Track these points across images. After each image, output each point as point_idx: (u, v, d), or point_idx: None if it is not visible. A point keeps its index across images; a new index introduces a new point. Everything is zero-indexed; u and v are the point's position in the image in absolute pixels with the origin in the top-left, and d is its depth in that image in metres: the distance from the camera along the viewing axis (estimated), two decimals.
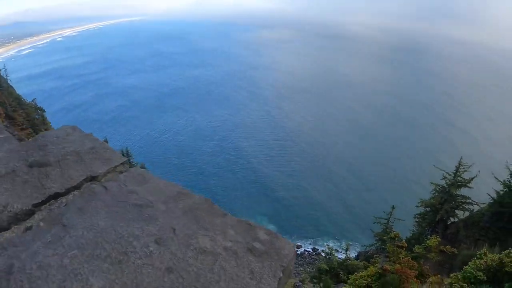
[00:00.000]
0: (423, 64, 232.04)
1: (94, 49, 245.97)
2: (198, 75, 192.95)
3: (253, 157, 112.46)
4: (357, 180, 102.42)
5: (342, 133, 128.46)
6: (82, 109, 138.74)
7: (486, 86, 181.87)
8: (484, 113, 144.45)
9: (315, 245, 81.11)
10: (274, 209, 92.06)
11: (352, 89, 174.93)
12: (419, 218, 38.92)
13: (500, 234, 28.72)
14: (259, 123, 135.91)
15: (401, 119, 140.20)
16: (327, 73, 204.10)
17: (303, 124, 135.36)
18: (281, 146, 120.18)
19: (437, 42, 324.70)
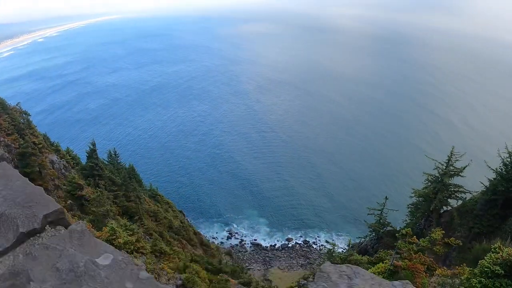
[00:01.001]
0: (407, 55, 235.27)
1: (75, 49, 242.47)
2: (179, 71, 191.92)
3: (236, 152, 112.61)
4: (341, 172, 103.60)
5: (324, 125, 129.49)
6: (64, 109, 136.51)
7: (469, 76, 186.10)
8: (467, 103, 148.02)
9: (306, 237, 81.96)
10: (262, 203, 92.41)
11: (335, 81, 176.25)
12: (412, 208, 39.59)
13: (494, 221, 29.58)
14: (241, 117, 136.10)
15: (384, 110, 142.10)
16: (310, 66, 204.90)
17: (285, 117, 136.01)
18: (264, 139, 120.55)
19: (422, 33, 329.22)
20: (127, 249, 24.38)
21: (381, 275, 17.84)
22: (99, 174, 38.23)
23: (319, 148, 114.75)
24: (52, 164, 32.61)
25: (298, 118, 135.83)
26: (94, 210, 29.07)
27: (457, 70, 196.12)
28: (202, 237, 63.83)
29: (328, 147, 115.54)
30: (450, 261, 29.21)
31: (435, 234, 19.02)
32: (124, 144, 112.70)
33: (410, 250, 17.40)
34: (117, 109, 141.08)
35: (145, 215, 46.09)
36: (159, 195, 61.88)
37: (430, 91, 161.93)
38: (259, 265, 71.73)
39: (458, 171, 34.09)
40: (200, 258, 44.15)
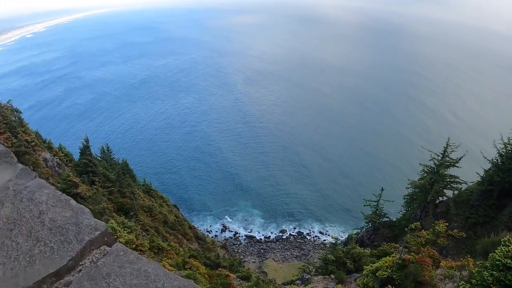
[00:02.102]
0: (396, 45, 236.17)
1: (63, 44, 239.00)
2: (167, 64, 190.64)
3: (226, 144, 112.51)
4: (332, 163, 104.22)
5: (314, 117, 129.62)
6: (53, 105, 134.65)
7: (458, 66, 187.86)
8: (456, 93, 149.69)
9: (299, 228, 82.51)
10: (255, 195, 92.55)
11: (324, 72, 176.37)
12: (408, 199, 39.96)
13: (490, 211, 30.05)
14: (230, 109, 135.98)
15: (374, 101, 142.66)
16: (298, 57, 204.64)
17: (272, 109, 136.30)
18: (254, 131, 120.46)
19: (411, 23, 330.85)
20: (128, 248, 24.07)
21: (389, 269, 17.92)
22: (93, 170, 37.56)
23: (310, 140, 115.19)
24: (45, 162, 31.83)
25: (287, 109, 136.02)
26: (91, 208, 28.52)
27: (446, 60, 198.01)
28: (197, 231, 63.61)
29: (318, 138, 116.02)
30: (447, 252, 29.68)
31: (439, 227, 19.14)
32: (113, 138, 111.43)
33: (419, 244, 17.48)
34: (105, 103, 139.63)
35: (140, 210, 45.62)
36: (153, 190, 61.34)
37: (419, 81, 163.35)
38: (254, 257, 72.06)
39: (454, 162, 34.43)
40: (198, 253, 44.03)
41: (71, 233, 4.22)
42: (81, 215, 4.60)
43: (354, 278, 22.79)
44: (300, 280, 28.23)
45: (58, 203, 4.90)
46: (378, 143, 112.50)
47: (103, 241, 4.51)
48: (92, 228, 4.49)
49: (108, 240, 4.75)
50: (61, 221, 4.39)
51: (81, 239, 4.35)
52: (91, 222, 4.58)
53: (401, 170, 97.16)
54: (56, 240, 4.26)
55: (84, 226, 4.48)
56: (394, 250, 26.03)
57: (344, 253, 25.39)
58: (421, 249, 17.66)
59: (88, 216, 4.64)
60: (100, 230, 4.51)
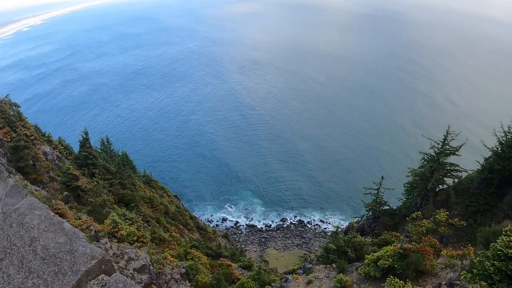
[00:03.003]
0: (391, 32, 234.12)
1: (60, 36, 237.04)
2: (163, 54, 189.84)
3: (221, 134, 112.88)
4: (328, 152, 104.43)
5: (308, 105, 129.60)
6: (50, 97, 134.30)
7: (453, 52, 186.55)
8: (450, 79, 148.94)
9: (300, 217, 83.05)
10: (255, 184, 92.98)
11: (318, 60, 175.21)
12: (408, 187, 39.99)
13: (490, 199, 30.09)
14: (224, 98, 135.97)
15: (369, 89, 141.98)
16: (292, 45, 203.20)
17: (268, 98, 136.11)
18: (248, 120, 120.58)
19: (405, 9, 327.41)
20: (130, 240, 24.15)
21: (390, 258, 18.02)
22: (93, 163, 37.53)
23: (307, 129, 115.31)
24: (45, 156, 31.73)
25: (282, 98, 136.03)
26: (92, 201, 28.58)
27: (441, 46, 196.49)
28: (198, 221, 63.97)
29: (315, 127, 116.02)
30: (448, 240, 29.84)
31: (440, 216, 19.11)
32: (110, 128, 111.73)
33: (420, 233, 17.54)
34: (102, 94, 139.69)
35: (141, 202, 45.77)
36: (153, 181, 61.42)
37: (415, 69, 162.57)
38: (255, 246, 72.65)
39: (454, 150, 34.32)
40: (199, 243, 44.30)
41: (65, 263, 3.87)
42: (76, 241, 4.24)
43: (355, 267, 22.94)
44: (302, 269, 28.43)
45: (50, 227, 4.45)
46: (374, 131, 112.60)
47: (101, 270, 4.17)
48: (88, 257, 4.08)
49: (106, 268, 4.39)
50: (54, 249, 4.01)
51: (76, 270, 3.93)
52: (87, 250, 4.18)
53: (397, 157, 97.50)
54: (50, 272, 3.83)
55: (79, 255, 4.04)
56: (395, 239, 26.17)
57: (345, 242, 25.51)
58: (422, 238, 17.73)
59: (83, 243, 4.31)
60: (96, 259, 4.14)
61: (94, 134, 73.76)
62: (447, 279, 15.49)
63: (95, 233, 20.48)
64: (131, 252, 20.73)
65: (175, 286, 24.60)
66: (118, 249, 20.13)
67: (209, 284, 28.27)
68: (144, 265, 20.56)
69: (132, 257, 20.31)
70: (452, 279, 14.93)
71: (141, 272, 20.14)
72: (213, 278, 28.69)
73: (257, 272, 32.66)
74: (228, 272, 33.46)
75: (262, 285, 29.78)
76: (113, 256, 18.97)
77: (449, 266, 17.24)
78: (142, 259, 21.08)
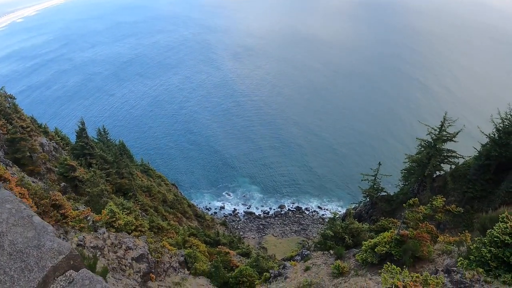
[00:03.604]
0: (386, 18, 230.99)
1: (54, 27, 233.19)
2: (157, 42, 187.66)
3: (218, 121, 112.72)
4: (324, 139, 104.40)
5: (303, 93, 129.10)
6: (44, 88, 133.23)
7: (449, 39, 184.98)
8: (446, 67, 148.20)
9: (298, 203, 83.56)
10: (252, 171, 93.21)
11: (313, 47, 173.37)
12: (406, 173, 40.08)
13: (487, 185, 30.22)
14: (217, 85, 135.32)
15: (364, 76, 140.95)
16: (287, 32, 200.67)
17: (261, 85, 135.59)
18: (244, 108, 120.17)
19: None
20: (128, 229, 24.20)
21: (387, 244, 18.11)
22: (90, 153, 37.35)
23: (303, 116, 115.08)
24: (42, 147, 31.52)
25: (276, 85, 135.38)
26: (89, 191, 28.51)
27: (438, 34, 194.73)
28: (196, 209, 64.23)
29: (310, 114, 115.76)
30: (445, 226, 30.07)
31: (437, 202, 19.08)
32: (105, 117, 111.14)
33: (417, 219, 17.59)
34: (96, 83, 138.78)
35: (139, 191, 45.76)
36: (151, 170, 61.42)
37: (411, 56, 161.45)
38: (253, 233, 73.19)
39: (451, 136, 34.31)
40: (197, 231, 44.52)
41: (32, 258, 3.72)
42: (44, 235, 4.06)
43: (353, 254, 23.09)
44: (300, 256, 28.66)
45: (19, 221, 4.29)
46: (369, 117, 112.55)
47: (69, 265, 4.00)
48: (55, 252, 3.92)
49: (74, 263, 4.22)
50: (22, 244, 3.85)
51: (43, 266, 3.76)
52: (54, 245, 3.98)
53: (392, 144, 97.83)
54: (17, 268, 3.67)
55: (46, 250, 3.88)
56: (392, 225, 26.32)
57: (342, 229, 25.63)
58: (419, 225, 17.79)
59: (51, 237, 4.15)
60: (64, 254, 3.97)
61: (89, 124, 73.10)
62: (444, 265, 15.59)
63: (92, 223, 20.46)
64: (129, 242, 20.78)
65: (174, 275, 24.76)
66: (116, 238, 20.16)
67: (208, 272, 28.49)
68: (142, 254, 20.63)
69: (130, 247, 20.36)
70: (449, 265, 15.03)
71: (139, 261, 20.21)
72: (212, 266, 28.90)
73: (255, 259, 32.92)
74: (226, 260, 33.71)
75: (261, 272, 30.04)
76: (111, 246, 18.99)
77: (446, 253, 17.35)
78: (140, 248, 21.15)
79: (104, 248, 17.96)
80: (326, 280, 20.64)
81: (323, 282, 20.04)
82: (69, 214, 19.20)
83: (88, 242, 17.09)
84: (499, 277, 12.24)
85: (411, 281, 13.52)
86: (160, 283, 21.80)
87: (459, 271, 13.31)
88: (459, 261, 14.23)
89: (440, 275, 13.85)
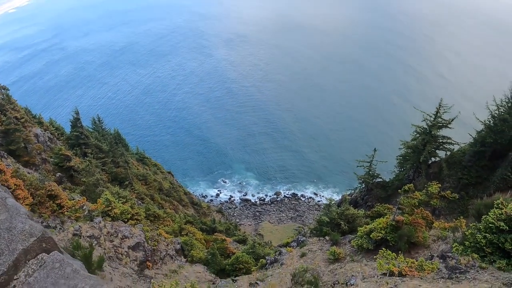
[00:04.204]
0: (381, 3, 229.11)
1: (46, 16, 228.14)
2: (149, 30, 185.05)
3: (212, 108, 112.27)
4: (313, 125, 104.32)
5: (297, 80, 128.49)
6: (37, 78, 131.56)
7: (443, 24, 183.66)
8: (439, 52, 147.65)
9: (294, 190, 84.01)
10: (248, 157, 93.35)
11: (306, 33, 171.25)
12: (401, 159, 40.20)
13: (482, 172, 30.45)
14: (209, 72, 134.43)
15: (357, 63, 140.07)
16: (279, 18, 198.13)
17: (254, 71, 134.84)
18: (237, 95, 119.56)
19: None
20: (124, 218, 24.17)
21: (383, 230, 18.23)
22: (85, 142, 37.08)
23: (296, 102, 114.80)
24: (36, 138, 31.26)
25: (269, 72, 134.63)
26: (85, 181, 28.38)
27: (431, 19, 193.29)
28: (192, 197, 64.37)
29: (303, 101, 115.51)
30: (440, 212, 30.34)
31: (432, 188, 19.15)
32: (98, 106, 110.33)
33: (412, 205, 17.69)
34: (89, 72, 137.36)
35: (135, 179, 45.68)
36: (146, 158, 61.23)
37: (404, 42, 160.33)
38: (249, 220, 73.66)
39: (447, 123, 34.31)
40: (194, 219, 44.67)
41: (3, 241, 3.62)
42: (16, 217, 3.95)
43: (348, 240, 23.27)
44: (296, 242, 28.85)
45: None
46: (362, 104, 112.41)
47: (41, 248, 3.88)
48: (27, 234, 3.80)
49: (47, 246, 4.08)
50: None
51: (13, 249, 3.63)
52: (26, 227, 3.85)
53: (385, 131, 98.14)
54: None
55: (17, 232, 3.75)
56: (388, 211, 26.49)
57: (338, 215, 25.79)
58: (415, 211, 17.91)
59: (23, 219, 4.03)
60: (35, 236, 3.84)
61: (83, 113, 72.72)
62: (439, 251, 15.75)
63: (88, 212, 20.40)
64: (126, 230, 20.77)
65: (170, 262, 24.88)
66: (112, 227, 20.13)
67: (204, 259, 28.66)
68: (138, 243, 20.65)
69: (127, 235, 20.35)
70: (444, 251, 15.17)
71: (135, 249, 20.24)
72: (208, 253, 29.06)
73: (252, 246, 33.15)
74: (223, 247, 33.90)
75: (257, 259, 30.27)
76: (107, 235, 18.96)
77: (441, 238, 17.51)
78: (137, 236, 21.16)
79: (100, 237, 17.93)
80: (322, 266, 20.83)
81: (319, 268, 20.21)
82: (65, 204, 19.15)
83: (84, 232, 17.04)
84: (494, 263, 12.37)
85: (406, 267, 13.67)
86: (157, 271, 21.89)
87: (454, 256, 13.44)
88: (454, 247, 14.37)
89: (435, 260, 13.99)
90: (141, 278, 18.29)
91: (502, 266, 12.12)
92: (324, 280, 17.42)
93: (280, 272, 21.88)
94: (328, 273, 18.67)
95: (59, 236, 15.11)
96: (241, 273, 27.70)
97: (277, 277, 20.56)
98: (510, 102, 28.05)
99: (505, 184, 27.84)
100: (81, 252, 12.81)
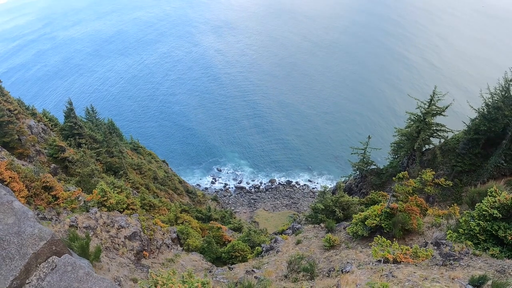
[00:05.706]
0: None
1: (35, 7, 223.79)
2: (138, 18, 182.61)
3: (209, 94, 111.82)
4: (313, 113, 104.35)
5: (282, 65, 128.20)
6: (26, 68, 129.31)
7: (435, 12, 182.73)
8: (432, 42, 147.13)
9: (288, 177, 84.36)
10: (241, 145, 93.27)
11: (294, 19, 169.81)
12: (395, 147, 40.40)
13: (476, 159, 30.71)
14: (197, 60, 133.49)
15: (347, 51, 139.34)
16: (268, 4, 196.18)
17: (242, 59, 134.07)
18: (231, 81, 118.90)
19: None
20: (120, 208, 24.15)
21: (377, 217, 18.43)
22: (79, 133, 36.72)
23: (286, 91, 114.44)
24: (30, 129, 30.91)
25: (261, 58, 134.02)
26: (80, 171, 28.21)
27: (421, 6, 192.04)
28: (187, 185, 64.41)
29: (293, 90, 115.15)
30: (433, 199, 30.68)
31: (426, 175, 19.36)
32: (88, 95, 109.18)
33: (406, 193, 17.86)
34: (78, 60, 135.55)
35: (130, 169, 45.50)
36: (141, 147, 60.89)
37: (393, 28, 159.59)
38: (244, 208, 74.01)
39: (441, 111, 34.42)
40: (189, 207, 44.77)
41: (13, 246, 3.60)
42: (24, 221, 3.93)
43: (343, 227, 23.53)
44: (291, 230, 29.12)
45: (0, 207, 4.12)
46: (353, 92, 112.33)
47: (51, 251, 3.89)
48: (36, 238, 3.79)
49: (57, 249, 4.08)
50: (2, 232, 3.71)
51: (24, 253, 3.62)
52: (35, 231, 3.84)
53: (375, 119, 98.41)
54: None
55: (27, 236, 3.74)
56: (382, 199, 26.76)
57: (333, 202, 25.98)
58: (409, 198, 18.10)
59: (32, 223, 4.01)
60: (45, 240, 3.85)
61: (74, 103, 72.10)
62: (433, 238, 15.96)
63: (84, 203, 20.33)
64: (121, 220, 20.76)
65: (167, 251, 25.01)
66: (108, 217, 20.11)
67: (201, 247, 28.85)
68: (134, 232, 20.69)
69: (123, 225, 20.36)
70: (438, 238, 15.37)
71: (132, 239, 20.28)
72: (204, 241, 29.24)
73: (247, 234, 33.39)
74: (218, 235, 34.12)
75: (253, 246, 30.55)
76: (103, 225, 18.95)
77: (435, 225, 17.75)
78: (133, 226, 21.18)
79: (97, 228, 17.92)
80: (317, 253, 21.06)
81: (315, 255, 20.44)
82: (61, 196, 19.04)
83: (81, 223, 17.00)
84: (488, 250, 12.60)
85: (401, 254, 13.87)
86: (154, 260, 22.00)
87: (448, 243, 13.65)
88: (448, 234, 14.59)
89: (430, 247, 14.21)
90: (138, 268, 18.39)
91: (496, 253, 12.34)
92: (320, 267, 17.63)
93: (276, 259, 22.11)
94: (324, 260, 18.89)
95: (55, 228, 15.07)
96: (237, 261, 27.98)
97: (273, 265, 20.78)
98: (504, 90, 28.15)
99: (499, 171, 28.16)
100: (78, 243, 12.80)
